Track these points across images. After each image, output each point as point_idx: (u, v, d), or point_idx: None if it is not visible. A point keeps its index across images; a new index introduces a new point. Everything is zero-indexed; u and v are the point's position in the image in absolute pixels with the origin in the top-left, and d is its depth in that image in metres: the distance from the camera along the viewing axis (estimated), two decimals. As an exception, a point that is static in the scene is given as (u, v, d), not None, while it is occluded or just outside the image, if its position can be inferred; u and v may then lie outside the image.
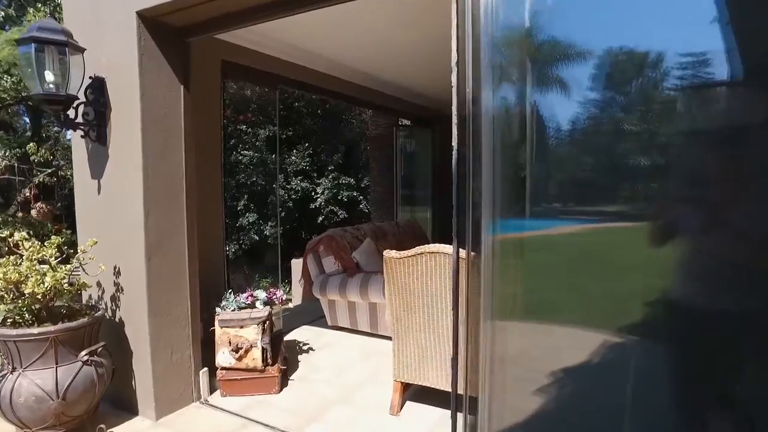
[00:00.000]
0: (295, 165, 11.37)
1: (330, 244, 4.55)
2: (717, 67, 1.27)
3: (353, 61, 5.15)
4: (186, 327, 2.96)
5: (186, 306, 2.96)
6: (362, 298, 4.25)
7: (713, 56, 1.26)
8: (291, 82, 4.62)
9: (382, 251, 4.95)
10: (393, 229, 5.72)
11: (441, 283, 2.63)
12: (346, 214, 11.81)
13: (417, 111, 7.21)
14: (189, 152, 2.94)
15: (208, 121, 3.74)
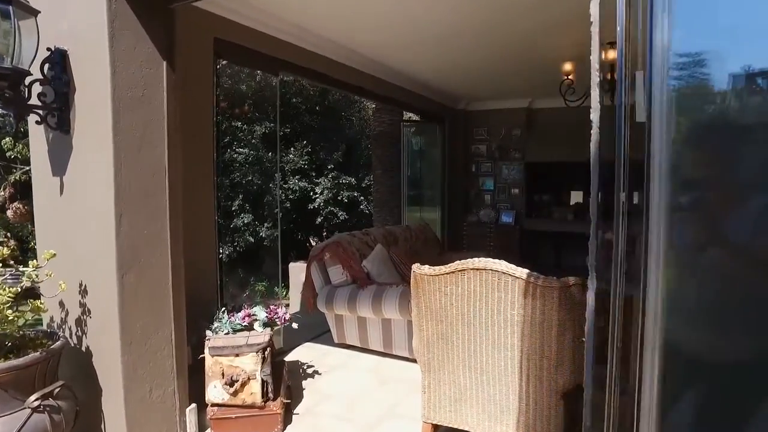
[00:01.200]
0: (293, 163, 10.83)
1: (337, 251, 4.03)
2: None
3: (363, 47, 4.64)
4: (169, 357, 2.43)
5: (169, 330, 2.43)
6: (375, 313, 3.73)
7: None
8: (293, 68, 4.09)
9: (395, 259, 4.43)
10: (404, 233, 5.20)
11: (488, 308, 2.11)
12: (346, 215, 11.28)
13: (425, 105, 6.70)
14: (174, 143, 2.41)
15: (197, 108, 3.21)
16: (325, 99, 12.96)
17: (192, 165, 3.11)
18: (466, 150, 7.88)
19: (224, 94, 11.38)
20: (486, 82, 6.34)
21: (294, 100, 11.98)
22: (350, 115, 13.83)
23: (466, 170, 7.91)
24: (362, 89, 5.21)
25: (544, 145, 7.41)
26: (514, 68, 5.53)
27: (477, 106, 7.71)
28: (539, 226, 7.51)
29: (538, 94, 7.06)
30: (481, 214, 7.69)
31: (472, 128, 7.84)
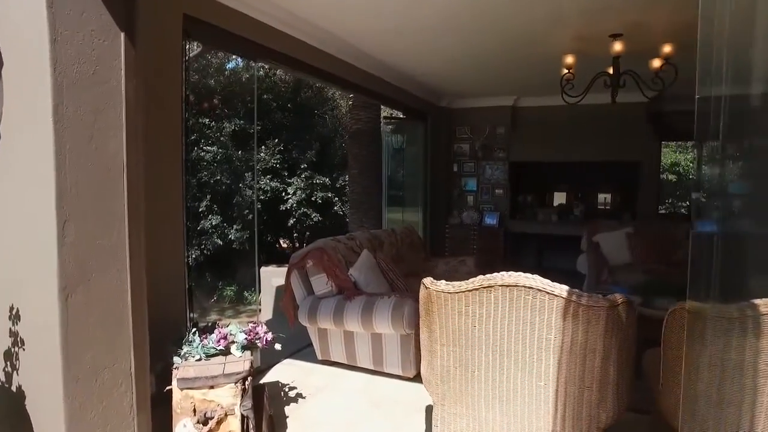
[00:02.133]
0: (264, 162, 10.31)
1: (321, 258, 3.63)
2: None
3: (348, 34, 4.28)
4: (127, 392, 1.99)
5: (128, 360, 1.99)
6: (364, 327, 3.35)
7: None
8: (272, 54, 3.67)
9: (383, 266, 4.06)
10: (390, 237, 4.83)
11: (519, 331, 1.76)
12: (320, 217, 10.84)
13: (409, 101, 6.35)
14: (134, 134, 1.97)
15: (164, 94, 2.77)
16: (298, 96, 12.49)
17: (157, 161, 2.67)
18: (449, 149, 7.58)
19: (191, 89, 10.80)
20: (472, 78, 6.05)
21: (265, 97, 11.47)
22: (323, 113, 13.39)
23: (448, 170, 7.61)
24: (345, 80, 4.82)
25: (528, 145, 7.17)
26: (505, 63, 5.25)
27: (460, 104, 7.42)
28: (523, 228, 7.27)
29: (524, 91, 6.82)
30: (463, 215, 7.40)
31: (455, 126, 7.55)
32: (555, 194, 8.00)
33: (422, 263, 5.25)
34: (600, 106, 6.87)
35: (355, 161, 7.96)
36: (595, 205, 7.72)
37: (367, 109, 7.94)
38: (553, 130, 7.07)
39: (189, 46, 7.52)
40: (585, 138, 6.88)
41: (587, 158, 6.93)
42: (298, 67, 4.12)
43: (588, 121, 6.92)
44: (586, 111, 6.95)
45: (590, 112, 6.93)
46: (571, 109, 7.06)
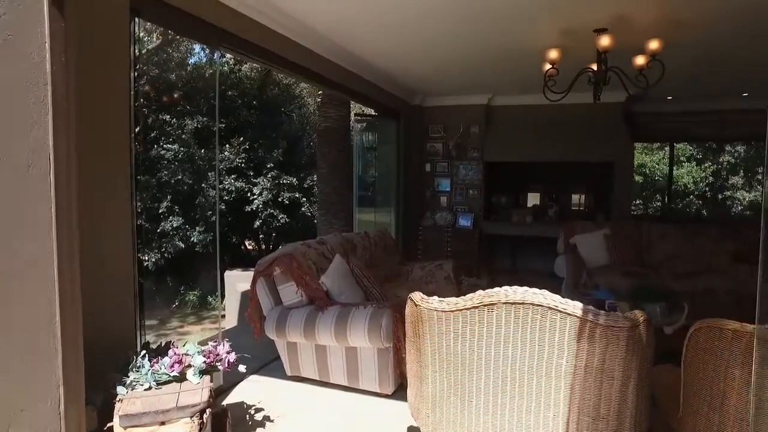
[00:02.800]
0: (229, 161, 9.86)
1: (289, 265, 3.31)
2: None
3: (320, 23, 3.97)
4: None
5: (55, 398, 1.65)
6: (338, 340, 3.06)
7: None
8: (236, 41, 3.33)
9: (356, 272, 3.78)
10: (363, 240, 4.55)
11: (525, 355, 1.52)
12: (287, 218, 10.46)
13: (381, 97, 6.09)
14: (63, 121, 1.63)
15: (109, 80, 2.41)
16: (264, 93, 12.07)
17: (98, 156, 2.32)
18: (421, 148, 7.35)
19: (151, 83, 10.25)
20: (447, 74, 5.83)
21: (230, 93, 11.01)
22: (291, 111, 12.99)
23: (421, 170, 7.38)
24: (315, 74, 4.51)
25: (502, 144, 7.02)
26: (482, 58, 5.04)
27: (433, 102, 7.20)
28: (498, 230, 7.11)
29: (499, 90, 6.65)
30: (437, 217, 7.18)
31: (428, 125, 7.33)
32: (528, 195, 7.89)
33: (397, 268, 4.99)
34: (575, 106, 6.77)
35: (324, 161, 7.64)
36: (568, 205, 7.64)
37: (337, 107, 7.63)
38: (527, 129, 6.93)
39: (148, 37, 6.99)
40: (559, 138, 6.77)
41: (561, 158, 6.83)
42: (266, 57, 3.79)
43: (562, 120, 6.81)
44: (560, 110, 6.83)
45: (565, 111, 6.82)
46: (546, 108, 6.93)
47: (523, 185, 7.90)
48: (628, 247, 5.69)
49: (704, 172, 12.35)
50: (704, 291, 5.08)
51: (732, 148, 12.69)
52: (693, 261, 5.64)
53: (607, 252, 5.67)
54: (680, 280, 5.14)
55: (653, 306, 3.29)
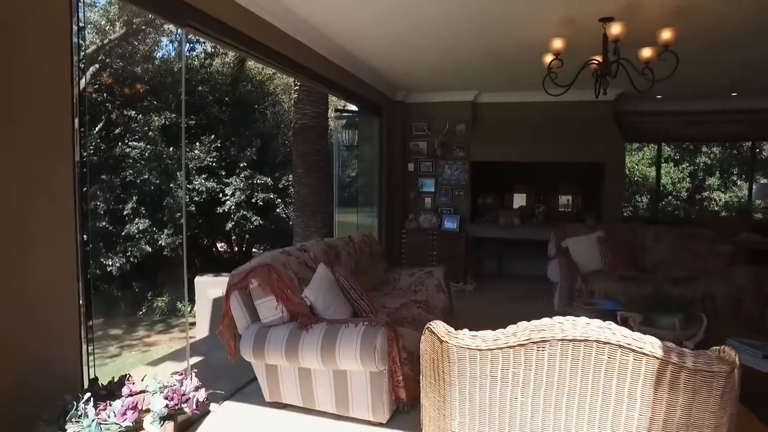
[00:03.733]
0: (199, 160, 9.33)
1: (268, 277, 2.91)
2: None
3: (302, 5, 3.57)
4: None
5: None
6: (325, 363, 2.68)
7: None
8: (206, 19, 2.91)
9: (343, 283, 3.39)
10: (347, 246, 4.17)
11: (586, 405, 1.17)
12: (261, 220, 9.98)
13: (363, 91, 5.71)
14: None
15: (40, 57, 1.97)
16: (237, 90, 11.54)
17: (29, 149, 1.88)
18: (404, 147, 7.00)
19: (114, 77, 9.63)
20: (434, 68, 5.49)
21: (200, 89, 10.47)
22: (264, 108, 12.49)
23: (404, 170, 7.03)
24: (292, 61, 4.11)
25: (489, 143, 6.73)
26: (473, 51, 4.73)
27: (417, 98, 6.87)
28: (485, 232, 6.81)
29: (486, 86, 6.35)
30: (421, 219, 6.84)
31: (411, 122, 6.99)
32: (514, 196, 7.62)
33: (383, 275, 4.62)
34: (565, 104, 6.51)
35: (300, 160, 7.22)
36: (556, 207, 7.40)
37: (314, 103, 7.23)
38: (515, 128, 6.66)
39: (110, 27, 6.37)
40: (548, 137, 6.52)
41: (550, 158, 6.57)
42: (237, 39, 3.36)
43: (551, 119, 6.57)
44: (549, 109, 6.60)
45: (554, 109, 6.58)
46: (535, 106, 6.71)
47: (508, 186, 7.63)
48: (622, 251, 5.46)
49: (682, 173, 12.37)
50: (703, 296, 4.87)
51: (708, 149, 12.76)
52: (688, 264, 5.44)
53: (600, 255, 5.42)
54: (679, 285, 4.92)
55: (670, 318, 3.01)
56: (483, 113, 6.83)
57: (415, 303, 3.89)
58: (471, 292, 6.34)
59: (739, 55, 4.67)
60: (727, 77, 5.63)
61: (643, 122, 7.13)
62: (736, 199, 12.12)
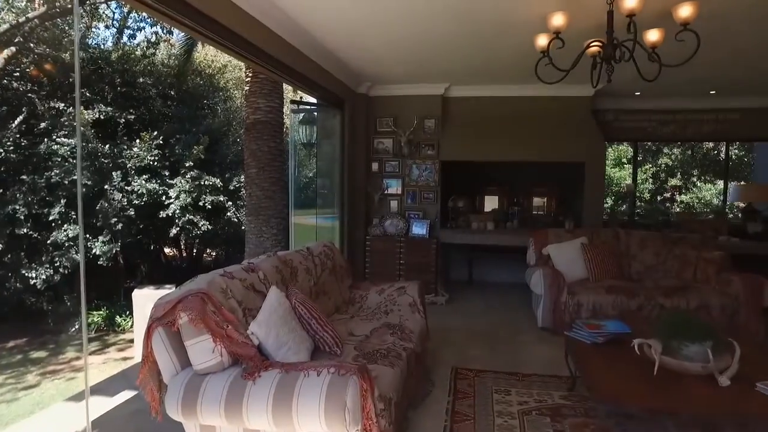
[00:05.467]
0: (139, 159, 8.39)
1: (203, 309, 2.21)
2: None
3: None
4: None
5: None
6: (278, 424, 2.04)
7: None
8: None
9: (301, 312, 2.72)
10: (305, 260, 3.49)
11: None
12: (209, 225, 9.11)
13: (324, 80, 5.04)
14: None
15: None
16: (183, 83, 10.61)
17: None
18: (368, 144, 6.38)
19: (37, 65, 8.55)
20: (402, 55, 4.90)
21: (141, 80, 9.51)
22: (214, 104, 11.59)
23: (368, 170, 6.41)
24: (247, 43, 3.42)
25: (461, 141, 6.19)
26: (445, 35, 4.15)
27: (382, 91, 6.25)
28: (457, 238, 6.27)
29: (458, 77, 5.80)
30: (386, 224, 6.24)
31: (376, 118, 6.37)
32: (486, 198, 7.14)
33: (348, 294, 3.98)
34: (540, 99, 6.07)
35: (252, 159, 6.50)
36: (530, 210, 6.96)
37: (268, 96, 6.52)
38: (488, 124, 6.16)
39: (27, 3, 5.29)
40: (523, 134, 6.05)
41: (527, 157, 6.10)
42: (185, 14, 2.66)
43: (528, 115, 6.11)
44: (526, 104, 6.12)
45: (531, 105, 6.12)
46: (511, 101, 6.20)
47: (479, 187, 7.14)
48: (607, 258, 5.02)
49: (645, 174, 12.31)
50: (697, 307, 4.48)
51: (669, 150, 12.77)
52: (676, 272, 5.07)
53: (585, 264, 4.97)
54: (671, 296, 4.52)
55: (699, 347, 2.51)
56: (454, 108, 6.29)
57: (387, 328, 3.27)
58: (443, 305, 5.78)
59: (720, 51, 4.33)
60: (708, 74, 5.31)
61: (619, 121, 6.79)
62: (696, 201, 12.17)
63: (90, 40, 9.14)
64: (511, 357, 4.07)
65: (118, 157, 8.30)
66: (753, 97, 6.39)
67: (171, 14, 2.69)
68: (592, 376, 2.61)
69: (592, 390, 2.63)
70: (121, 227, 8.15)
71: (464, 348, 4.27)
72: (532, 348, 4.30)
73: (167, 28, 9.75)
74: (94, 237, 8.21)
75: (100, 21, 9.25)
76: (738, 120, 6.62)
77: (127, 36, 10.00)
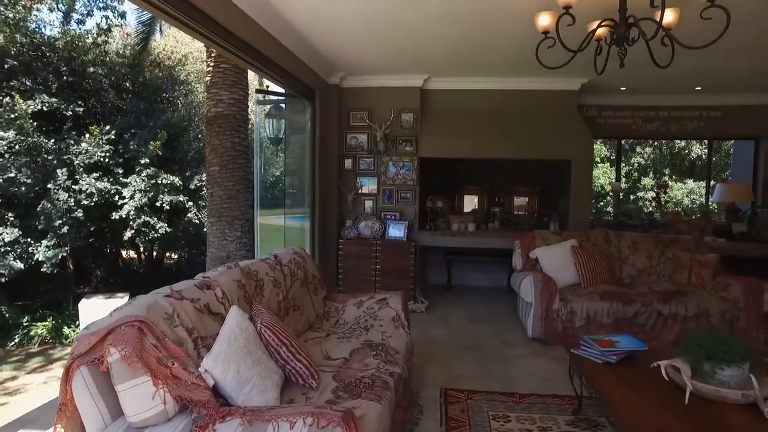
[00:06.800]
0: (87, 156, 7.66)
1: (138, 344, 1.70)
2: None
3: None
4: None
5: None
6: (238, 495, 1.54)
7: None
8: None
9: (269, 338, 2.22)
10: (272, 271, 3.00)
11: None
12: (168, 228, 8.44)
13: (293, 67, 4.54)
14: None
15: None
16: (141, 74, 9.87)
17: None
18: (341, 140, 5.90)
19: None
20: (379, 42, 4.45)
21: (92, 70, 8.73)
22: (175, 98, 10.88)
23: (341, 167, 5.94)
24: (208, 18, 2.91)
25: (440, 137, 5.78)
26: (427, 17, 3.73)
27: (356, 82, 5.78)
28: (436, 241, 5.86)
29: (438, 68, 5.38)
30: (361, 226, 5.77)
31: (349, 111, 5.90)
32: (465, 198, 6.76)
33: (322, 307, 3.50)
34: (525, 93, 5.73)
35: (214, 155, 5.93)
36: (511, 210, 6.62)
37: (232, 88, 5.97)
38: (470, 119, 5.78)
39: None
40: (507, 130, 5.69)
41: (511, 154, 5.74)
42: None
43: (511, 109, 5.75)
44: (509, 97, 5.77)
45: (514, 99, 5.77)
46: (494, 95, 5.83)
47: (458, 186, 6.76)
48: (598, 262, 4.71)
49: (618, 173, 12.23)
50: (696, 314, 4.20)
51: (641, 149, 12.76)
52: (670, 275, 4.79)
53: (576, 268, 4.64)
54: (669, 302, 4.22)
55: (737, 370, 2.16)
56: (434, 101, 5.88)
57: (369, 348, 2.82)
58: (423, 313, 5.36)
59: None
60: (693, 69, 5.07)
61: (603, 117, 6.52)
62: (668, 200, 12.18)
63: (31, 24, 8.29)
64: (503, 374, 3.68)
65: (64, 153, 7.55)
66: (736, 95, 6.23)
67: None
68: (616, 407, 2.22)
69: (618, 426, 2.25)
70: (67, 230, 7.40)
71: (451, 364, 3.86)
72: (524, 362, 3.92)
73: (118, 11, 9.01)
74: (37, 241, 7.45)
75: (42, 2, 8.42)
76: (720, 118, 6.45)
77: (75, 21, 9.19)
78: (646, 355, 2.69)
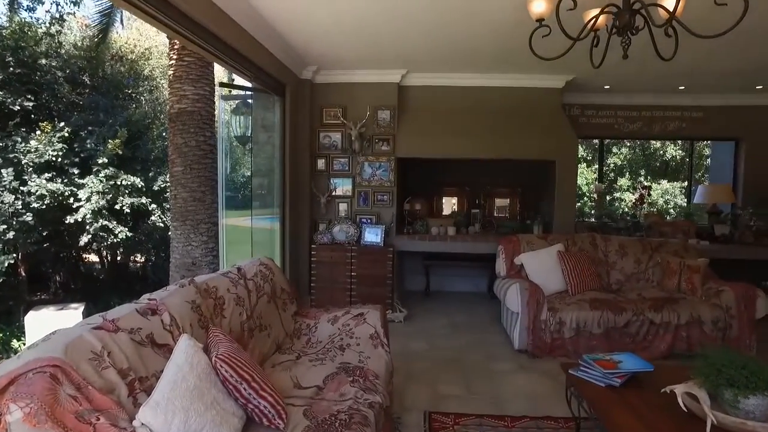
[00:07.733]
0: (37, 155, 7.08)
1: (50, 396, 1.33)
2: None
3: None
4: None
5: None
6: None
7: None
8: None
9: (225, 373, 1.83)
10: (234, 286, 2.63)
11: None
12: (128, 232, 7.92)
13: (262, 59, 4.16)
14: None
15: None
16: (100, 68, 9.29)
17: None
18: (313, 138, 5.54)
19: None
20: (355, 33, 4.11)
21: (44, 62, 8.13)
22: (139, 94, 10.30)
23: (313, 168, 5.58)
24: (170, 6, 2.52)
25: (419, 136, 5.48)
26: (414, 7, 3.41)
27: (330, 77, 5.43)
28: (415, 246, 5.55)
29: (417, 63, 5.06)
30: (335, 230, 5.42)
31: (322, 108, 5.54)
32: (444, 200, 6.48)
33: (292, 324, 3.14)
34: (507, 90, 5.46)
35: (178, 155, 5.50)
36: (492, 212, 6.36)
37: (197, 83, 5.56)
38: (449, 117, 5.49)
39: None
40: (488, 129, 5.42)
41: (493, 155, 5.47)
42: None
43: (493, 107, 5.49)
44: (490, 95, 5.50)
45: (496, 96, 5.50)
46: (473, 91, 5.55)
47: (436, 188, 6.47)
48: (586, 267, 4.47)
49: (594, 173, 12.19)
50: (689, 322, 4.00)
51: (618, 150, 12.74)
52: (659, 281, 4.60)
53: (563, 274, 4.39)
54: (660, 310, 4.01)
55: (764, 399, 1.90)
56: (412, 99, 5.57)
57: (345, 374, 2.48)
58: (401, 323, 5.04)
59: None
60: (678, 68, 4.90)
61: (585, 116, 6.33)
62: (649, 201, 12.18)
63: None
64: (491, 392, 3.39)
65: (10, 151, 6.96)
66: (717, 95, 6.12)
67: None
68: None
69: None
70: (14, 235, 6.82)
71: (434, 382, 3.54)
72: (513, 379, 3.64)
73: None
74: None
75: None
76: (701, 119, 6.34)
77: (24, 9, 8.56)
78: (653, 376, 2.44)
